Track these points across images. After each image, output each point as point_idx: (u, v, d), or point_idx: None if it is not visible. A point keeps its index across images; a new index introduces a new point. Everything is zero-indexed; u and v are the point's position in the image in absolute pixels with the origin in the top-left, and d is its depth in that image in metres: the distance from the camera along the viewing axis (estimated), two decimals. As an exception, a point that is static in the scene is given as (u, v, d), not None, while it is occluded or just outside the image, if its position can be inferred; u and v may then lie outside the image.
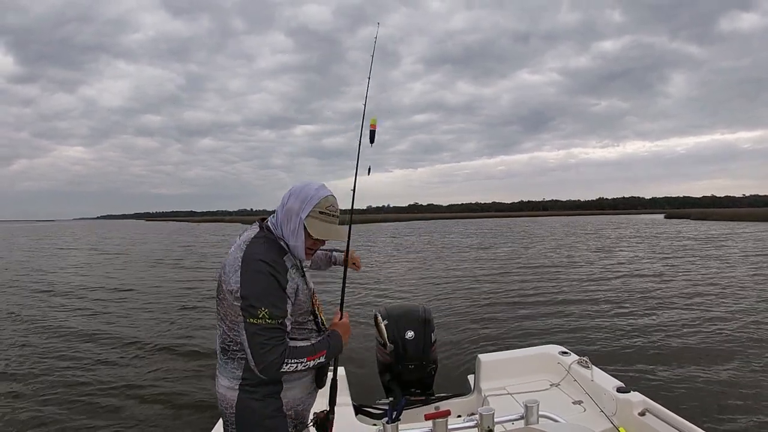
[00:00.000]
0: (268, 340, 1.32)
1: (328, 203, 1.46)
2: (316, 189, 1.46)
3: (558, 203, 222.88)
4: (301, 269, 1.54)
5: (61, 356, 5.78)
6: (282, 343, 1.34)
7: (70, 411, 4.18)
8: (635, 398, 2.25)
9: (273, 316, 1.32)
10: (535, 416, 1.73)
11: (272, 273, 1.35)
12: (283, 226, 1.46)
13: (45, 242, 34.55)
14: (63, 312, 8.53)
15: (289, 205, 1.45)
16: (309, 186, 1.48)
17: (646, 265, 13.61)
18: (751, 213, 54.99)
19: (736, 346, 5.57)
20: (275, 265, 1.37)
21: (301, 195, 1.45)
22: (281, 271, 1.38)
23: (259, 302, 1.32)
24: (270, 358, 1.32)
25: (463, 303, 8.63)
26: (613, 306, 8.06)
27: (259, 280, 1.34)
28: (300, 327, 1.49)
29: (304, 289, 1.48)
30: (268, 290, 1.34)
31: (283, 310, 1.35)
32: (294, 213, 1.44)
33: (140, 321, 7.76)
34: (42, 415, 4.10)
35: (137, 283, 12.01)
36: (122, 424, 3.98)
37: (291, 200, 1.45)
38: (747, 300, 8.19)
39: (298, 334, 1.48)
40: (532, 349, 3.15)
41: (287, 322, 1.38)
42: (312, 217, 1.44)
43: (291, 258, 1.47)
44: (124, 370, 5.30)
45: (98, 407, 4.28)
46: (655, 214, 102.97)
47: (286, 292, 1.38)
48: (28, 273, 14.56)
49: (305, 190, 1.46)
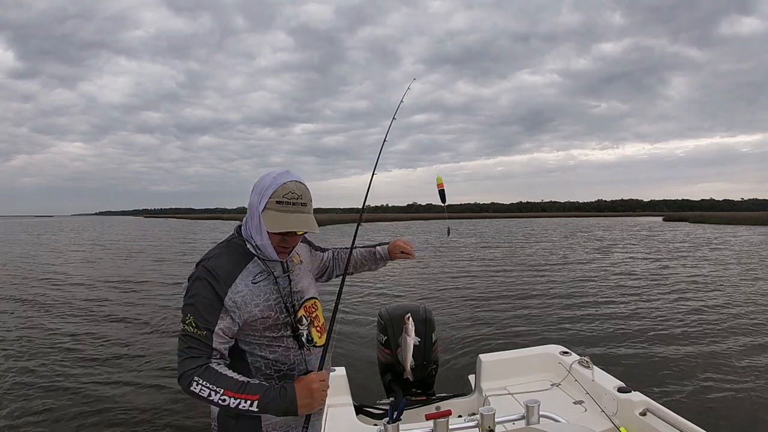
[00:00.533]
0: (187, 348, 1.20)
1: (285, 190, 1.25)
2: (275, 177, 1.28)
3: (556, 204, 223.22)
4: (285, 270, 1.37)
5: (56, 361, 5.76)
6: (198, 358, 1.19)
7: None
8: (636, 398, 2.26)
9: (197, 325, 1.20)
10: (536, 416, 1.73)
11: (208, 280, 1.22)
12: (249, 225, 1.33)
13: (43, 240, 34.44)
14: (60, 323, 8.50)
15: (250, 199, 1.31)
16: (268, 175, 1.30)
17: (647, 266, 13.63)
18: (749, 216, 55.12)
19: (737, 347, 5.59)
20: (216, 272, 1.23)
21: (260, 186, 1.29)
22: (223, 279, 1.23)
23: (187, 308, 1.22)
24: (183, 368, 1.19)
25: (463, 303, 8.63)
26: (614, 306, 8.08)
27: (194, 285, 1.24)
28: (272, 342, 1.31)
29: (271, 299, 1.30)
30: (197, 297, 1.22)
31: (207, 322, 1.20)
32: (254, 207, 1.29)
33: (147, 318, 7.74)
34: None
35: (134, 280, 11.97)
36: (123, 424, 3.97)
37: (253, 194, 1.30)
38: (748, 302, 8.20)
39: (268, 351, 1.31)
40: (533, 349, 3.15)
41: (215, 337, 1.20)
42: (268, 208, 1.26)
43: (260, 263, 1.31)
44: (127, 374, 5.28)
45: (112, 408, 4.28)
46: (654, 216, 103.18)
47: (224, 304, 1.22)
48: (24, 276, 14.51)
49: (263, 180, 1.29)
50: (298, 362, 1.34)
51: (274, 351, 1.31)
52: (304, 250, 1.56)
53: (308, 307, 1.41)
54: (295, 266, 1.43)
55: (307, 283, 1.47)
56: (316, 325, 1.41)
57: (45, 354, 5.76)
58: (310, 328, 1.38)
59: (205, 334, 1.20)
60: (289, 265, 1.39)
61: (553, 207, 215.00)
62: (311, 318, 1.40)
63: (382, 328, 2.99)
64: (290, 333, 1.32)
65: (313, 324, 1.40)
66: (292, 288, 1.37)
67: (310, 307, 1.41)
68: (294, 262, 1.43)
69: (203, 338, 1.20)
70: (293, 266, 1.41)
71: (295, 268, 1.43)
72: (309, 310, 1.40)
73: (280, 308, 1.31)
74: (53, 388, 4.63)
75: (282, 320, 1.31)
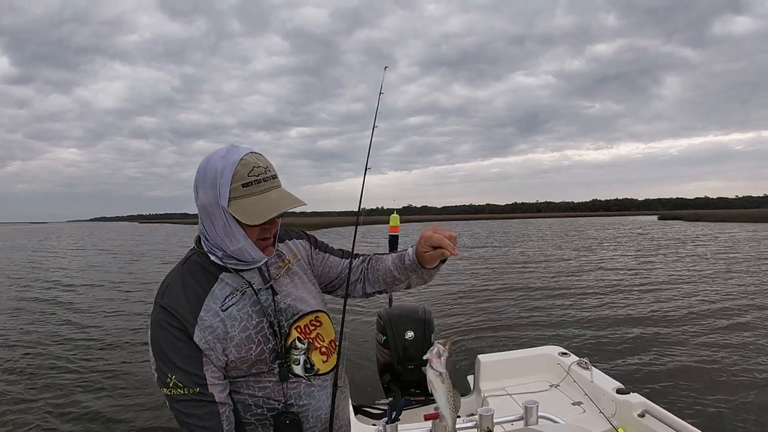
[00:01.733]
0: (188, 417, 0.93)
1: (247, 167, 0.94)
2: (223, 157, 0.95)
3: (551, 205, 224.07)
4: (266, 281, 1.06)
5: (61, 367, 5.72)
6: (209, 420, 0.93)
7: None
8: (635, 399, 2.26)
9: (184, 384, 0.93)
10: (534, 417, 1.73)
11: (171, 323, 0.94)
12: (210, 233, 0.99)
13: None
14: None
15: (200, 200, 0.97)
16: (213, 158, 0.96)
17: (646, 266, 13.65)
18: (743, 214, 55.46)
19: (736, 348, 5.60)
20: (176, 310, 0.94)
21: (208, 175, 0.95)
22: (186, 318, 0.94)
23: (165, 366, 0.93)
24: None
25: (462, 303, 8.64)
26: (613, 307, 8.09)
27: (158, 334, 0.94)
28: (260, 377, 1.02)
29: (249, 326, 0.99)
30: (170, 348, 0.93)
31: (195, 376, 0.93)
32: (213, 206, 0.95)
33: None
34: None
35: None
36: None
37: (201, 192, 0.97)
38: (749, 304, 8.18)
39: (257, 388, 1.02)
40: (532, 349, 3.15)
41: (212, 389, 0.95)
42: (234, 198, 0.94)
43: (228, 281, 1.01)
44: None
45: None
46: (649, 215, 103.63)
47: (200, 348, 0.94)
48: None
49: (210, 166, 0.96)
50: (296, 396, 1.04)
51: (263, 387, 1.02)
52: (299, 248, 1.20)
53: (303, 326, 1.08)
54: (282, 272, 1.10)
55: (303, 293, 1.12)
56: (318, 346, 1.09)
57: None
58: (309, 352, 1.07)
59: (199, 391, 0.93)
60: (271, 273, 1.07)
61: (548, 207, 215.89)
62: (309, 339, 1.08)
63: (381, 328, 2.99)
64: (274, 366, 1.02)
65: (313, 346, 1.08)
66: (278, 304, 1.05)
67: (306, 326, 1.08)
68: (280, 266, 1.10)
69: (200, 397, 0.94)
70: (278, 272, 1.09)
71: (281, 274, 1.09)
72: (305, 331, 1.08)
73: (264, 336, 1.01)
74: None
75: (268, 351, 1.01)
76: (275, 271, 1.08)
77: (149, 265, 16.85)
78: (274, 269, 1.09)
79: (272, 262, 1.09)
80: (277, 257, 1.11)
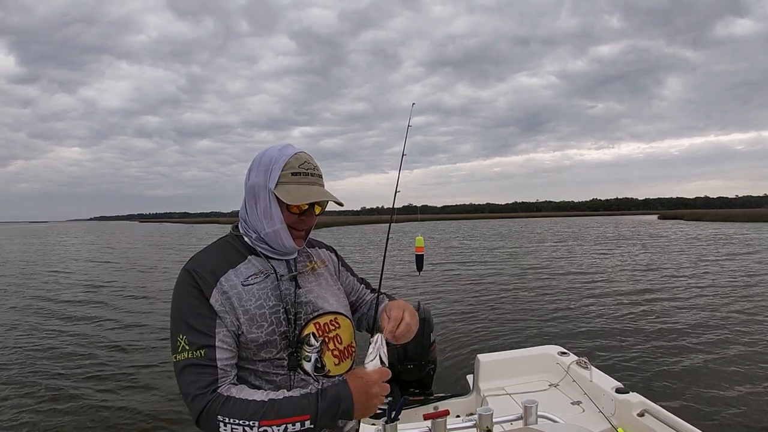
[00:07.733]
0: (192, 382, 0.92)
1: (300, 160, 1.07)
2: (280, 149, 1.08)
3: (551, 204, 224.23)
4: (291, 271, 1.11)
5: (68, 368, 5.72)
6: (209, 386, 0.92)
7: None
8: (634, 399, 2.26)
9: (192, 345, 0.94)
10: (533, 416, 1.73)
11: (190, 283, 0.98)
12: (250, 213, 1.09)
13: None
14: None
15: (251, 181, 1.08)
16: (270, 150, 1.09)
17: (645, 266, 13.67)
18: (743, 213, 55.43)
19: (736, 348, 5.60)
20: (198, 272, 0.99)
21: (264, 161, 1.07)
22: (207, 278, 0.99)
23: (177, 327, 0.96)
24: (196, 408, 0.90)
25: (462, 303, 8.64)
26: (613, 307, 8.09)
27: (176, 295, 1.00)
28: (268, 367, 1.02)
29: (265, 305, 1.02)
30: (183, 308, 0.97)
31: (203, 335, 0.95)
32: (261, 187, 1.06)
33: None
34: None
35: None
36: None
37: (253, 175, 1.08)
38: (749, 304, 8.18)
39: (264, 380, 1.02)
40: (531, 349, 3.15)
41: (218, 353, 0.95)
42: (282, 182, 1.04)
43: (256, 264, 1.07)
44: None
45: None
46: (649, 215, 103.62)
47: (214, 308, 0.97)
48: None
49: (267, 154, 1.08)
50: None
51: (271, 380, 1.02)
52: (328, 257, 1.27)
53: (322, 324, 1.09)
54: (309, 270, 1.15)
55: (326, 293, 1.15)
56: (332, 348, 1.09)
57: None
58: (322, 350, 1.07)
59: (205, 353, 0.94)
60: (297, 266, 1.13)
61: (548, 207, 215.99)
62: (326, 338, 1.08)
63: (380, 328, 2.98)
64: (285, 356, 1.02)
65: (327, 347, 1.08)
66: (299, 297, 1.08)
67: (325, 325, 1.09)
68: (308, 265, 1.16)
69: (205, 361, 0.94)
70: (305, 268, 1.15)
71: (308, 272, 1.15)
72: (324, 329, 1.09)
73: (278, 319, 1.02)
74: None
75: (279, 334, 1.02)
76: (302, 267, 1.14)
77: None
78: (302, 266, 1.15)
79: (300, 260, 1.16)
80: (306, 257, 1.18)
